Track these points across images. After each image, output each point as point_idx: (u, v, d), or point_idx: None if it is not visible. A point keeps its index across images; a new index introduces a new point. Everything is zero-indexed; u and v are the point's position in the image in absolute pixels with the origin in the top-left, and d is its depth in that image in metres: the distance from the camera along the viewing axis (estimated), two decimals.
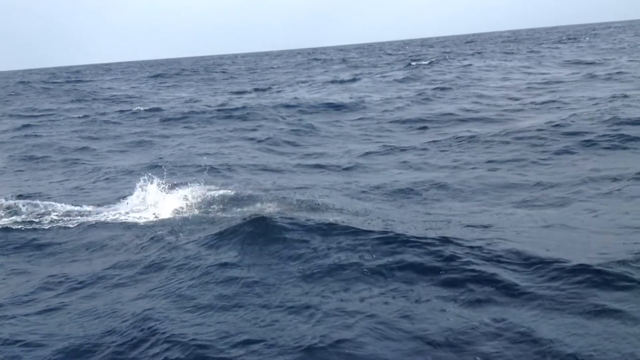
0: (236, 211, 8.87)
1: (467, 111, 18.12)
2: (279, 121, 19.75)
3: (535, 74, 28.30)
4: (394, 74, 35.22)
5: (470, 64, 37.37)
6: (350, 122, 18.69)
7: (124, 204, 9.87)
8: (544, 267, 5.57)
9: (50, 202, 10.33)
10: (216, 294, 5.86)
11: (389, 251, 6.25)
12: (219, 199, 9.65)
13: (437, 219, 7.73)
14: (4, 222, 9.32)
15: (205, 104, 26.05)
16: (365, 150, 13.84)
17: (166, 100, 30.87)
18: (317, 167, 12.46)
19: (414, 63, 43.01)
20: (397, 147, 13.75)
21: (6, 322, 5.69)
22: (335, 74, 40.76)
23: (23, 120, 25.45)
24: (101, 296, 6.20)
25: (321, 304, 5.37)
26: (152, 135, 19.07)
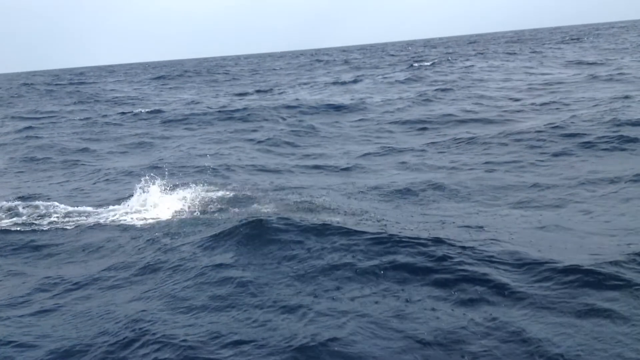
0: (234, 212, 8.92)
1: (467, 112, 18.09)
2: (279, 122, 19.77)
3: (537, 75, 28.25)
4: (395, 75, 35.21)
5: (472, 65, 37.33)
6: (350, 123, 18.68)
7: (123, 205, 9.93)
8: (535, 268, 5.57)
9: (49, 204, 10.38)
10: (210, 295, 5.89)
11: (382, 251, 6.26)
12: (217, 199, 9.72)
13: (432, 219, 7.73)
14: (3, 224, 9.37)
15: (207, 106, 26.11)
16: (364, 151, 13.84)
17: (168, 102, 30.95)
18: (316, 168, 12.47)
19: (416, 64, 42.97)
20: (396, 148, 13.75)
21: (0, 323, 5.72)
22: (337, 76, 40.77)
23: (25, 122, 25.54)
24: (96, 298, 6.23)
25: (313, 304, 5.39)
26: (152, 136, 19.12)
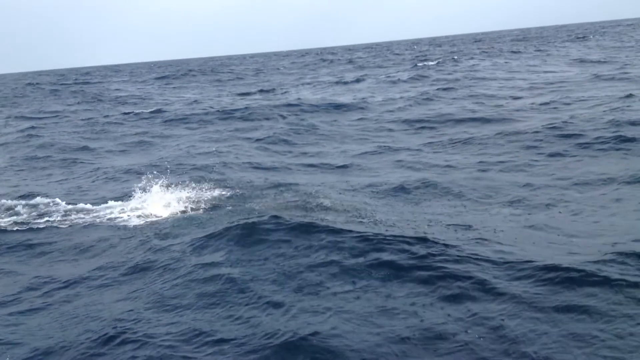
0: (227, 210, 8.96)
1: (467, 111, 18.03)
2: (279, 121, 19.80)
3: (540, 73, 28.15)
4: (399, 74, 35.17)
5: (476, 64, 37.24)
6: (350, 122, 18.69)
7: (119, 203, 10.00)
8: (517, 266, 5.60)
9: (47, 201, 10.47)
10: (196, 293, 5.94)
11: (367, 249, 6.30)
12: (212, 197, 9.77)
13: (421, 217, 7.74)
14: (0, 223, 9.45)
15: (209, 105, 26.20)
16: (362, 150, 13.84)
17: (170, 101, 31.05)
18: (312, 166, 12.49)
19: (420, 63, 42.89)
20: (393, 147, 13.75)
21: None
22: (340, 75, 40.78)
23: (29, 122, 25.70)
24: (84, 297, 6.28)
25: (297, 301, 5.45)
26: (152, 135, 19.20)
